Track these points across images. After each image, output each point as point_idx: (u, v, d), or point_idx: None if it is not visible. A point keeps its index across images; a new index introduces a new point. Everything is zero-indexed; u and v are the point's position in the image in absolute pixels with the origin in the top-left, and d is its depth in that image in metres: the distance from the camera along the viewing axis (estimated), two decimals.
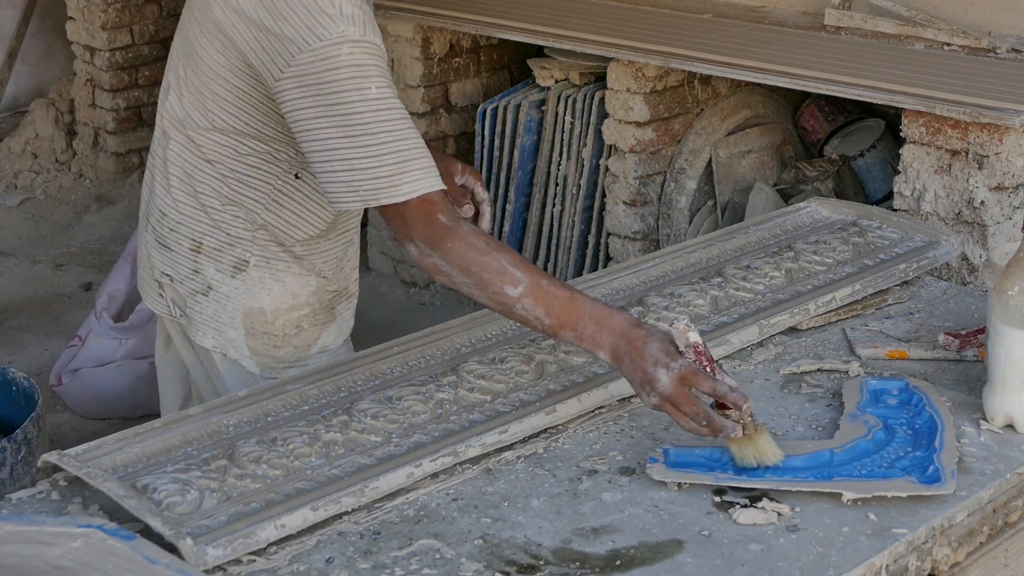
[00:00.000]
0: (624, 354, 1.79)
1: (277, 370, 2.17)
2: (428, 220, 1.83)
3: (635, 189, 4.02)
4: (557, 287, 1.83)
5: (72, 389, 3.94)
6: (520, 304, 1.81)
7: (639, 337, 1.78)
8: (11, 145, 5.97)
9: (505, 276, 1.81)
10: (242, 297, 2.12)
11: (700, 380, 1.75)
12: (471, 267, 1.82)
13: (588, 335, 1.81)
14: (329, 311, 2.21)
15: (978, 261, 3.18)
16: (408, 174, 1.83)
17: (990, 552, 1.79)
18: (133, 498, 1.64)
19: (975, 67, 3.48)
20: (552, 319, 1.81)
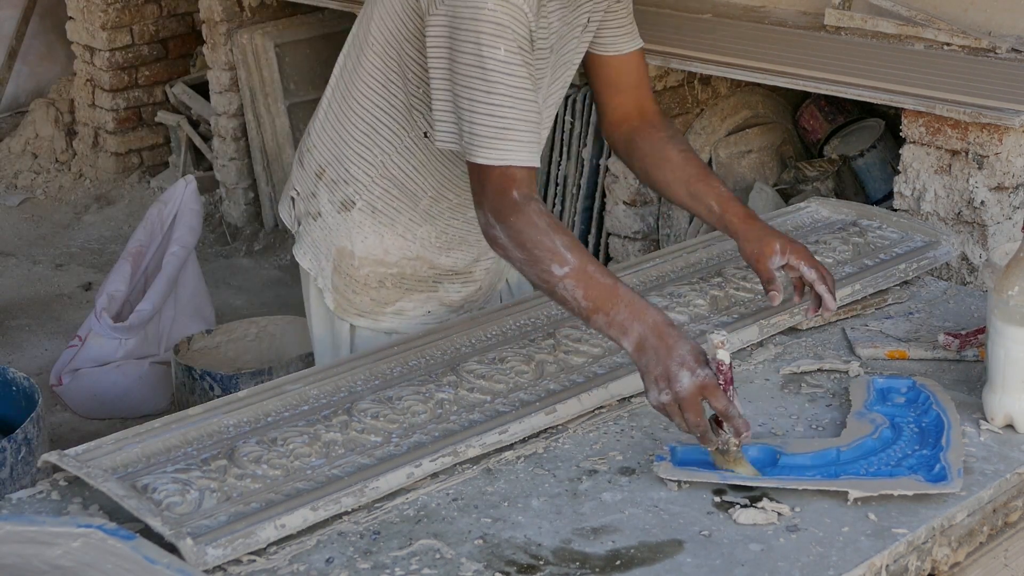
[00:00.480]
0: (650, 347, 1.80)
1: (350, 314, 2.22)
2: (502, 192, 1.88)
3: (635, 189, 4.02)
4: (602, 274, 1.86)
5: (72, 389, 3.94)
6: (562, 283, 1.85)
7: (671, 335, 1.80)
8: (11, 145, 5.97)
9: (555, 256, 1.84)
10: (340, 234, 2.19)
11: (717, 396, 1.77)
12: (526, 243, 1.86)
13: (618, 321, 1.83)
14: (425, 282, 2.23)
15: (978, 261, 3.18)
16: (502, 142, 1.87)
17: (990, 552, 1.79)
18: (133, 498, 1.64)
19: (975, 67, 3.47)
20: (588, 302, 1.84)
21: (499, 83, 1.86)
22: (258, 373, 3.53)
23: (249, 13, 5.09)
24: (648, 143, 2.23)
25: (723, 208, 2.16)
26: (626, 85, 2.24)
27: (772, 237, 2.12)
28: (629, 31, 2.23)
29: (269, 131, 5.09)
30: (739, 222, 2.14)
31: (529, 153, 1.89)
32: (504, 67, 1.86)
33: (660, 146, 2.22)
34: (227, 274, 5.03)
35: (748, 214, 2.16)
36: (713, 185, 2.18)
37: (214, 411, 1.88)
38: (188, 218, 4.13)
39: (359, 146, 2.13)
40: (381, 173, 2.13)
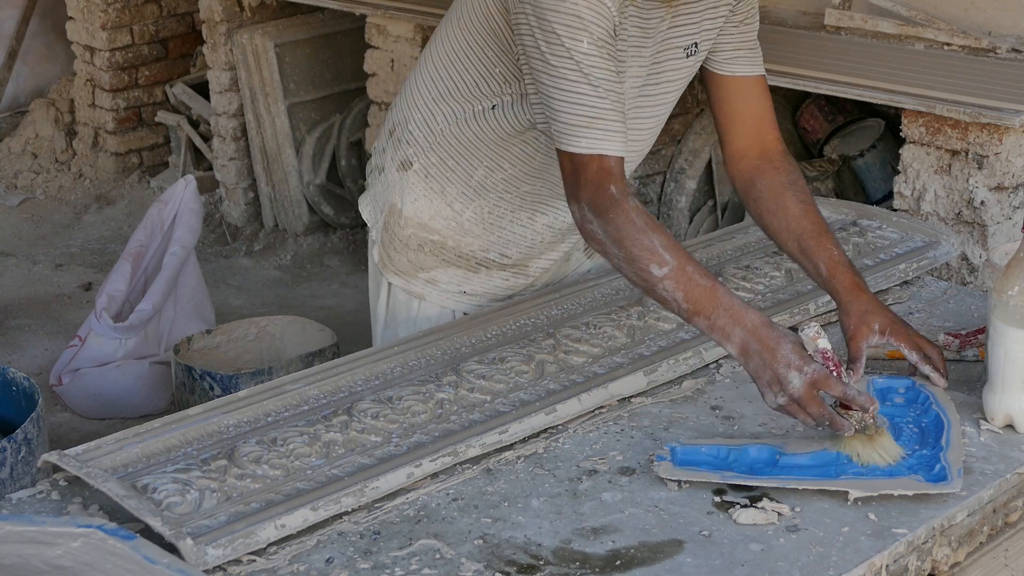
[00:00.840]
0: (754, 352, 1.82)
1: (388, 270, 2.27)
2: (599, 187, 1.90)
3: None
4: (700, 275, 1.87)
5: (72, 389, 3.94)
6: (662, 285, 1.87)
7: (771, 337, 1.82)
8: (11, 145, 5.97)
9: (654, 256, 1.87)
10: (395, 191, 2.24)
11: (831, 384, 1.79)
12: (624, 241, 1.88)
13: (720, 326, 1.85)
14: (465, 259, 2.24)
15: (978, 261, 3.18)
16: (591, 131, 1.90)
17: (990, 552, 1.79)
18: (133, 498, 1.64)
19: (975, 67, 3.47)
20: (689, 304, 1.86)
21: (580, 73, 1.89)
22: (258, 373, 3.53)
23: (249, 13, 5.09)
24: (767, 186, 2.17)
25: (831, 272, 2.08)
26: (745, 114, 2.19)
27: (873, 315, 2.03)
28: (747, 55, 2.18)
29: (269, 131, 5.09)
30: (844, 291, 2.06)
31: (618, 143, 1.91)
32: (585, 59, 1.89)
33: (779, 192, 2.15)
34: (227, 274, 5.03)
35: (855, 284, 2.07)
36: (825, 246, 2.09)
37: (214, 411, 1.88)
38: (188, 218, 4.13)
39: (425, 110, 2.18)
40: (439, 140, 2.17)
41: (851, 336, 2.02)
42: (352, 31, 4.88)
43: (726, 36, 2.15)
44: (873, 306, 2.04)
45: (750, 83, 2.19)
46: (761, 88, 2.21)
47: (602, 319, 2.14)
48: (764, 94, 2.21)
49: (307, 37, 5.09)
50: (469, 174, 2.18)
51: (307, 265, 5.06)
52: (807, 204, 2.15)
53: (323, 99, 5.15)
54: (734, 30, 2.15)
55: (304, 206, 5.15)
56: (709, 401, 1.99)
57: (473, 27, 2.08)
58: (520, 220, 2.23)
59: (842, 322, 2.05)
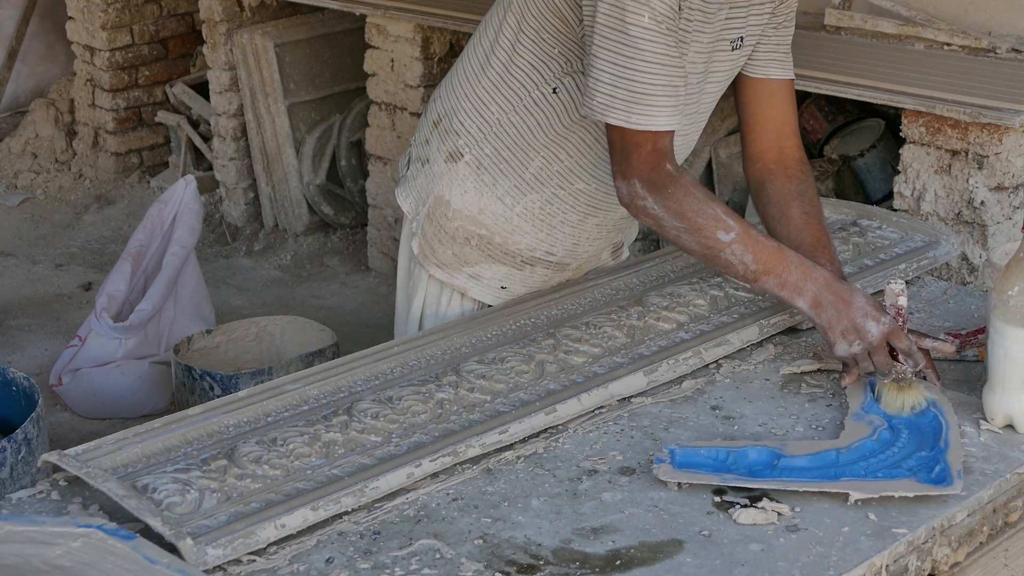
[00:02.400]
0: (828, 303, 1.93)
1: (430, 262, 2.25)
2: (655, 166, 1.95)
3: None
4: (766, 238, 1.98)
5: (72, 389, 3.94)
6: (730, 249, 1.94)
7: (844, 290, 1.95)
8: (11, 145, 5.97)
9: (719, 223, 1.95)
10: (443, 183, 2.21)
11: (901, 338, 1.92)
12: (687, 212, 1.95)
13: (791, 282, 1.94)
14: (511, 257, 2.24)
15: (978, 261, 3.18)
16: (645, 107, 1.93)
17: (990, 552, 1.79)
18: (133, 498, 1.64)
19: (975, 67, 3.48)
20: (759, 265, 1.94)
21: (639, 48, 1.91)
22: (258, 373, 3.53)
23: (249, 13, 5.09)
24: (775, 192, 2.21)
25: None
26: (768, 118, 2.21)
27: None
28: (781, 59, 2.20)
29: (269, 131, 5.09)
30: None
31: (672, 119, 1.95)
32: (646, 33, 1.90)
33: (786, 200, 2.19)
34: (227, 274, 5.03)
35: None
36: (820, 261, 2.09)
37: (214, 411, 1.88)
38: (188, 218, 4.13)
39: (478, 100, 2.17)
40: (495, 131, 2.16)
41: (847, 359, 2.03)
42: (352, 31, 4.88)
43: (764, 39, 2.17)
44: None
45: (779, 87, 2.21)
46: (788, 93, 2.23)
47: (602, 319, 2.14)
48: (790, 99, 2.23)
49: (307, 37, 5.09)
50: (524, 166, 2.17)
51: (307, 265, 5.06)
52: (811, 216, 2.18)
53: (323, 99, 5.15)
54: (773, 32, 2.17)
55: (304, 206, 5.15)
56: (709, 401, 1.99)
57: (528, 8, 2.07)
58: (571, 221, 2.23)
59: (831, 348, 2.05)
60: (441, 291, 2.27)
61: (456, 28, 4.29)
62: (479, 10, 4.24)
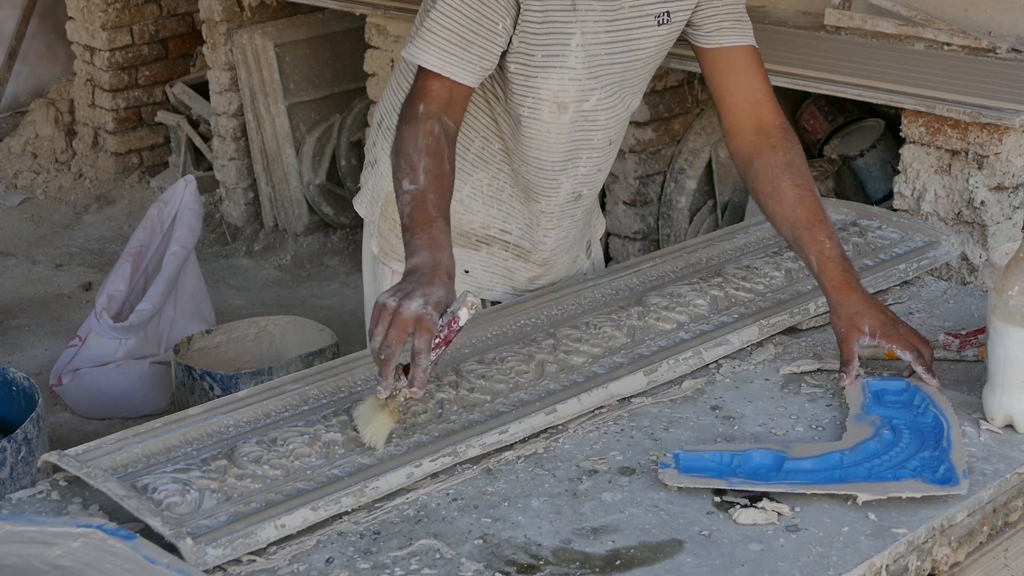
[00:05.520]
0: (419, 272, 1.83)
1: (391, 259, 2.27)
2: (412, 99, 2.01)
3: (635, 189, 4.02)
4: (434, 207, 1.92)
5: (72, 389, 3.94)
6: (403, 198, 1.94)
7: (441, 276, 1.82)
8: (11, 145, 5.97)
9: (411, 173, 1.95)
10: (388, 179, 2.20)
11: (424, 335, 1.75)
12: (400, 151, 1.98)
13: (414, 243, 1.89)
14: (466, 238, 2.25)
15: (978, 261, 3.18)
16: (430, 45, 2.00)
17: (990, 552, 1.79)
18: (133, 498, 1.64)
19: (975, 67, 3.47)
20: (408, 220, 1.92)
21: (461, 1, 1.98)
22: (258, 373, 3.53)
23: (249, 13, 5.09)
24: (763, 166, 2.14)
25: (820, 268, 2.05)
26: (737, 87, 2.17)
27: (863, 316, 2.00)
28: (732, 26, 2.17)
29: (269, 131, 5.09)
30: (833, 290, 2.03)
31: (448, 64, 1.99)
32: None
33: (775, 174, 2.13)
34: (227, 274, 5.03)
35: (845, 282, 2.03)
36: (817, 238, 2.06)
37: (214, 411, 1.88)
38: (188, 218, 4.13)
39: None
40: None
41: (842, 339, 2.00)
42: (352, 31, 4.88)
43: (708, 9, 2.16)
44: (863, 306, 2.01)
45: (739, 54, 2.18)
46: (751, 59, 2.19)
47: (602, 319, 2.14)
48: (755, 65, 2.19)
49: (307, 37, 5.09)
50: (466, 148, 2.20)
51: (307, 265, 5.06)
52: (803, 188, 2.11)
53: (323, 99, 5.15)
54: (717, 1, 2.16)
55: (304, 206, 5.15)
56: (709, 401, 1.99)
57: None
58: (518, 196, 2.25)
59: (833, 324, 2.03)
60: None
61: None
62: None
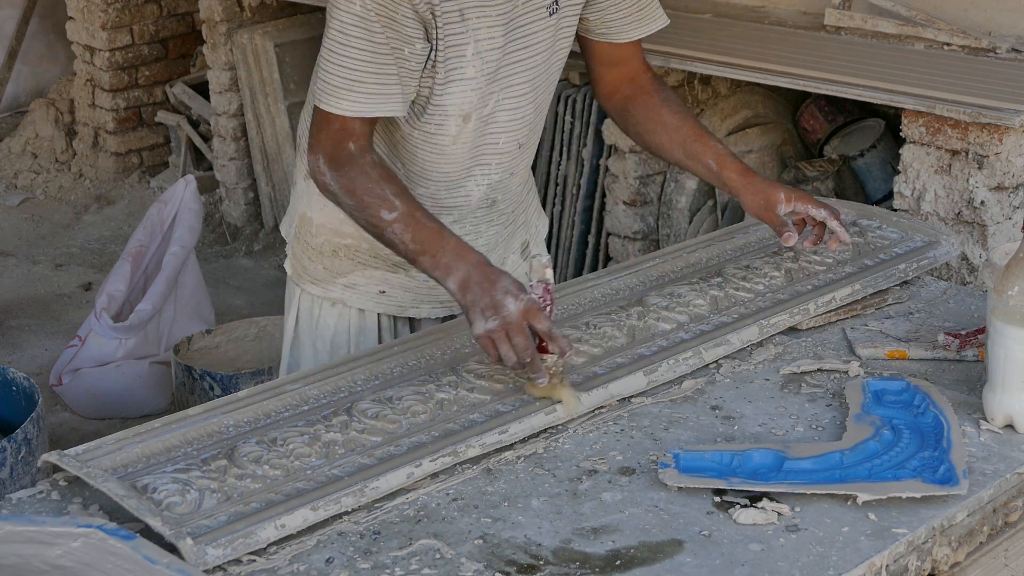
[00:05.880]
0: (474, 283, 1.88)
1: (304, 280, 2.27)
2: (338, 144, 1.98)
3: (635, 189, 4.02)
4: (429, 220, 1.96)
5: (72, 389, 3.94)
6: (391, 228, 1.94)
7: (493, 271, 1.90)
8: (11, 145, 5.97)
9: (384, 202, 1.95)
10: (304, 201, 2.25)
11: (540, 317, 1.85)
12: (357, 190, 1.97)
13: (444, 263, 1.92)
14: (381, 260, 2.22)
15: (978, 261, 3.18)
16: (344, 91, 1.96)
17: (990, 552, 1.79)
18: (133, 498, 1.64)
19: (975, 67, 3.48)
20: (416, 244, 1.94)
21: (351, 36, 1.93)
22: (258, 373, 3.53)
23: (249, 13, 5.09)
24: (642, 109, 2.27)
25: (720, 165, 2.21)
26: (620, 59, 2.25)
27: (775, 188, 2.20)
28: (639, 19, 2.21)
29: (269, 131, 5.09)
30: (738, 177, 2.21)
31: (367, 105, 1.97)
32: (358, 20, 1.93)
33: (654, 111, 2.26)
34: (227, 274, 5.03)
35: (745, 169, 2.22)
36: (709, 144, 2.23)
37: (214, 411, 1.88)
38: (188, 218, 4.13)
39: None
40: None
41: (764, 210, 2.20)
42: None
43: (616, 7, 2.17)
44: (769, 182, 2.21)
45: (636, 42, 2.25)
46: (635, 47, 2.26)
47: (602, 319, 2.14)
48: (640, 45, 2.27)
49: (307, 37, 5.09)
50: None
51: None
52: (683, 114, 2.25)
53: None
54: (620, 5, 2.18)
55: None
56: (709, 401, 1.99)
57: None
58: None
59: (748, 205, 2.20)
60: (312, 304, 2.27)
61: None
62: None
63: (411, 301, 2.27)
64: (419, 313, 2.30)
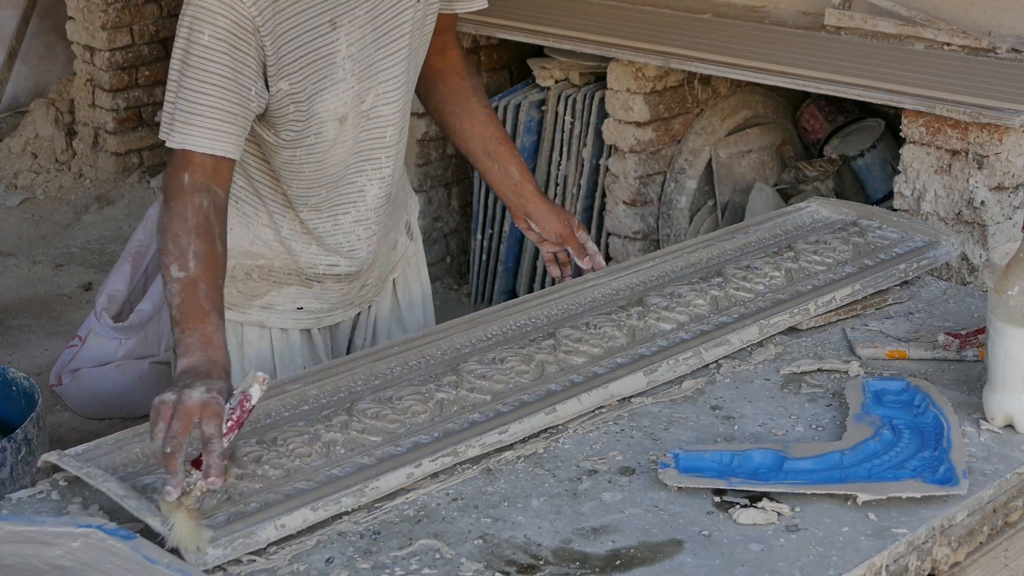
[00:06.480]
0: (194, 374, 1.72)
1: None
2: (174, 173, 1.89)
3: (635, 189, 4.02)
4: (206, 298, 1.81)
5: (72, 389, 3.94)
6: (171, 286, 1.83)
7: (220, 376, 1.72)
8: (11, 145, 5.97)
9: (181, 258, 1.83)
10: None
11: (213, 422, 1.62)
12: (168, 231, 1.86)
13: (187, 343, 1.78)
14: (296, 276, 2.20)
15: (978, 261, 3.18)
16: (190, 126, 1.89)
17: (990, 552, 1.79)
18: (133, 498, 1.64)
19: (975, 67, 3.48)
20: (178, 313, 1.81)
21: (198, 67, 1.88)
22: None
23: None
24: (450, 88, 2.32)
25: (523, 177, 2.34)
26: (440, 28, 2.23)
27: (566, 214, 2.38)
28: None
29: None
30: (538, 195, 2.35)
31: (212, 141, 1.89)
32: (204, 51, 1.88)
33: (464, 95, 2.32)
34: None
35: (539, 190, 2.36)
36: (512, 153, 2.33)
37: None
38: None
39: None
40: (240, 166, 2.12)
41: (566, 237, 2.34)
42: None
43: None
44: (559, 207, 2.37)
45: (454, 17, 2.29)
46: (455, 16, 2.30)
47: (602, 319, 2.14)
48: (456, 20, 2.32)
49: None
50: (273, 190, 2.15)
51: None
52: (490, 110, 2.32)
53: None
54: None
55: None
56: (709, 401, 1.99)
57: None
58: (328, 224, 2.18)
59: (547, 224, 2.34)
60: (232, 329, 2.17)
61: (456, 28, 4.28)
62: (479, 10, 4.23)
63: (327, 311, 2.25)
64: (335, 319, 2.28)
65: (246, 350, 2.23)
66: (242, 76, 1.91)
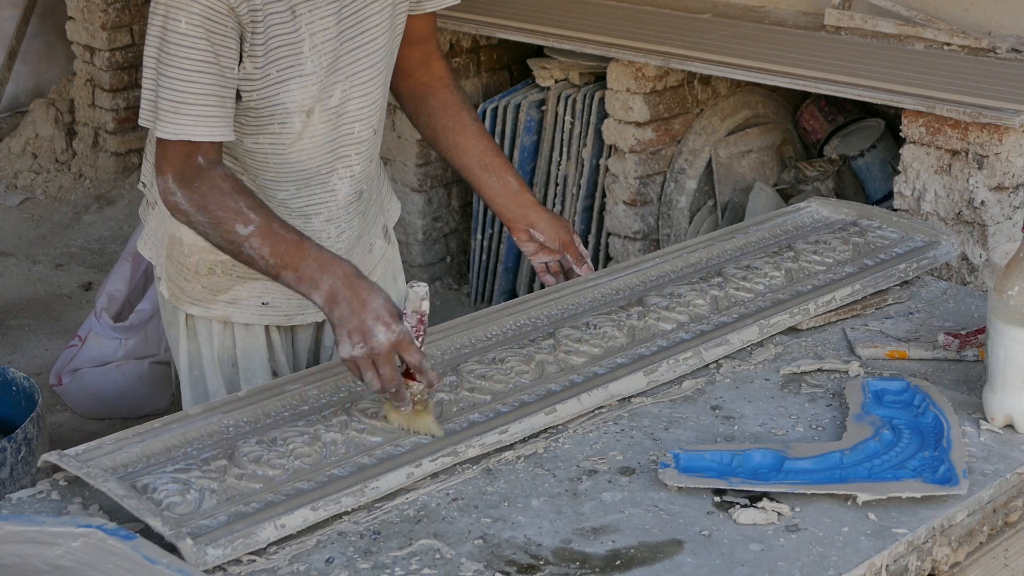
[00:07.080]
0: (342, 299, 1.83)
1: (183, 302, 2.18)
2: (185, 158, 1.91)
3: (635, 189, 4.02)
4: (288, 231, 1.89)
5: (72, 389, 3.94)
6: (248, 243, 1.87)
7: (363, 288, 1.83)
8: (11, 145, 5.97)
9: (239, 216, 1.88)
10: (171, 221, 2.11)
11: (411, 350, 1.81)
12: (209, 206, 1.89)
13: (307, 276, 1.85)
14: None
15: (978, 261, 3.18)
16: (180, 116, 1.89)
17: (990, 552, 1.79)
18: (133, 498, 1.64)
19: (975, 67, 3.48)
20: (276, 259, 1.86)
21: (176, 56, 1.88)
22: None
23: None
24: (440, 101, 2.29)
25: (522, 188, 2.30)
26: (414, 38, 2.22)
27: (565, 220, 2.35)
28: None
29: None
30: (535, 206, 2.30)
31: (208, 128, 1.90)
32: (182, 39, 1.87)
33: (455, 109, 2.29)
34: None
35: (539, 201, 2.32)
36: (508, 164, 2.31)
37: (214, 411, 1.88)
38: None
39: None
40: None
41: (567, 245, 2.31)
42: None
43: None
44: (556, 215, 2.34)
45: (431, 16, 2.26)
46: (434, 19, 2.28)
47: (602, 319, 2.14)
48: (435, 25, 2.29)
49: None
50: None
51: None
52: (480, 122, 2.30)
53: None
54: None
55: None
56: (709, 401, 1.99)
57: None
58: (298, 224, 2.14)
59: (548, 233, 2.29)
60: (198, 324, 2.19)
61: (456, 28, 4.30)
62: (480, 9, 4.25)
63: (295, 308, 2.21)
64: (305, 319, 2.25)
65: (216, 346, 2.20)
66: (223, 59, 1.91)
